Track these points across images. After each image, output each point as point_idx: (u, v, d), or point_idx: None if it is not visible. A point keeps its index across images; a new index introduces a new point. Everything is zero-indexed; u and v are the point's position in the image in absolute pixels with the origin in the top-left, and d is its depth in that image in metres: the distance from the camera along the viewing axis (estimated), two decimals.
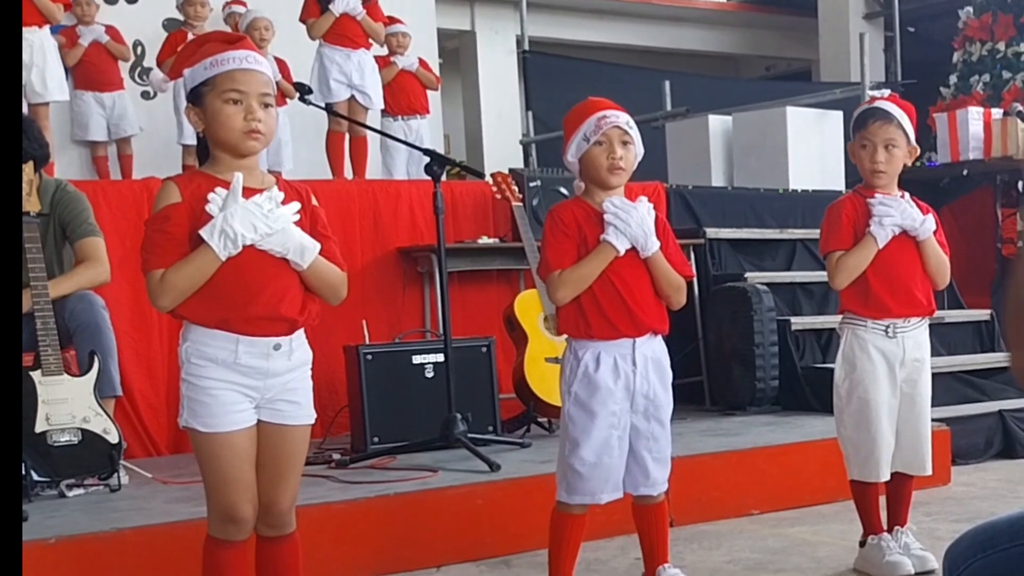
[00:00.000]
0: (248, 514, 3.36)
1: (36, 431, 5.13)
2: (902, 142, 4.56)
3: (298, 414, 3.42)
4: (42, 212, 5.45)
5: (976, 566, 2.26)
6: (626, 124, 4.06)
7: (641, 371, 4.07)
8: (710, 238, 8.42)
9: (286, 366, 3.37)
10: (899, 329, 4.58)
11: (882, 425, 4.56)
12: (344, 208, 7.43)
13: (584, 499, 4.07)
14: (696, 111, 11.15)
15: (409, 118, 9.69)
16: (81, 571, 4.43)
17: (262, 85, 3.32)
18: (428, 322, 7.60)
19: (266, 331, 3.31)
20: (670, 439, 4.20)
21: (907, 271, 4.56)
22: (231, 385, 3.30)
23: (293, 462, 3.45)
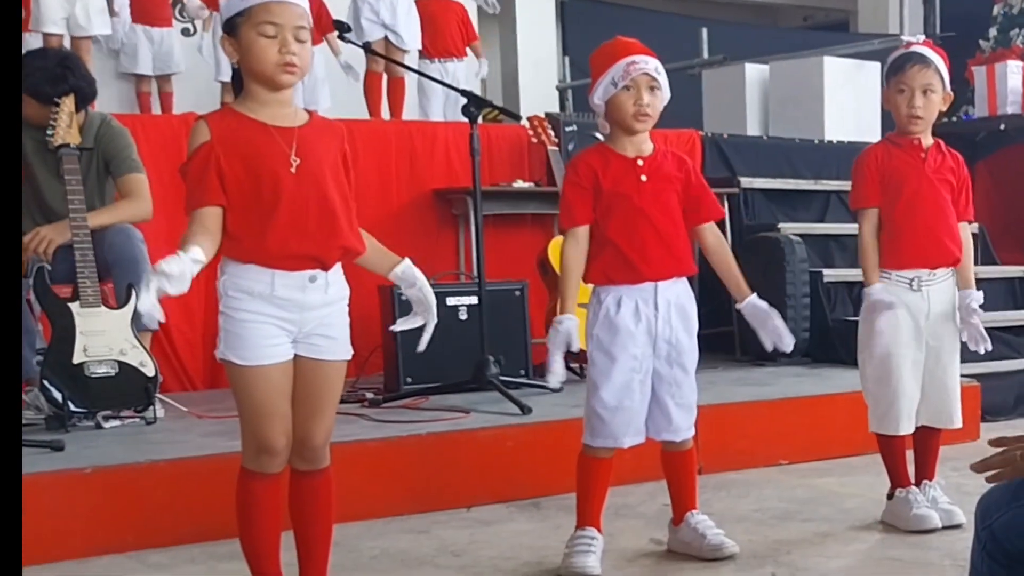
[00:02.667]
0: (282, 446, 3.39)
1: (74, 362, 5.18)
2: (939, 87, 4.53)
3: (335, 349, 3.44)
4: (85, 146, 5.49)
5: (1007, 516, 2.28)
6: (655, 70, 4.06)
7: (664, 315, 4.08)
8: (744, 187, 8.39)
9: (322, 299, 3.38)
10: (924, 282, 4.57)
11: (903, 378, 4.56)
12: (381, 149, 7.43)
13: (606, 442, 4.11)
14: (733, 60, 11.09)
15: (446, 61, 9.67)
16: (115, 501, 4.49)
17: (297, 18, 3.31)
18: (462, 264, 7.62)
19: (301, 266, 3.33)
20: (694, 385, 4.22)
21: (937, 220, 4.54)
22: (268, 318, 3.32)
23: (329, 397, 3.48)
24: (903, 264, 4.56)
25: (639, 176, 4.09)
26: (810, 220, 8.65)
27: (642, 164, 4.10)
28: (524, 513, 4.96)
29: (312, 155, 3.34)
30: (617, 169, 4.09)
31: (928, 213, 4.53)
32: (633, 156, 4.11)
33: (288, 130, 3.33)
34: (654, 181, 4.11)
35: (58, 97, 5.33)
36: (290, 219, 3.29)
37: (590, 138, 7.75)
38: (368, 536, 4.63)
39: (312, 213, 3.32)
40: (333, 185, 3.38)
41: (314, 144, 3.36)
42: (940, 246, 4.56)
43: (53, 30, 7.96)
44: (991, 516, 2.30)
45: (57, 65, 5.49)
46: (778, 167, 9.00)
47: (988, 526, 2.31)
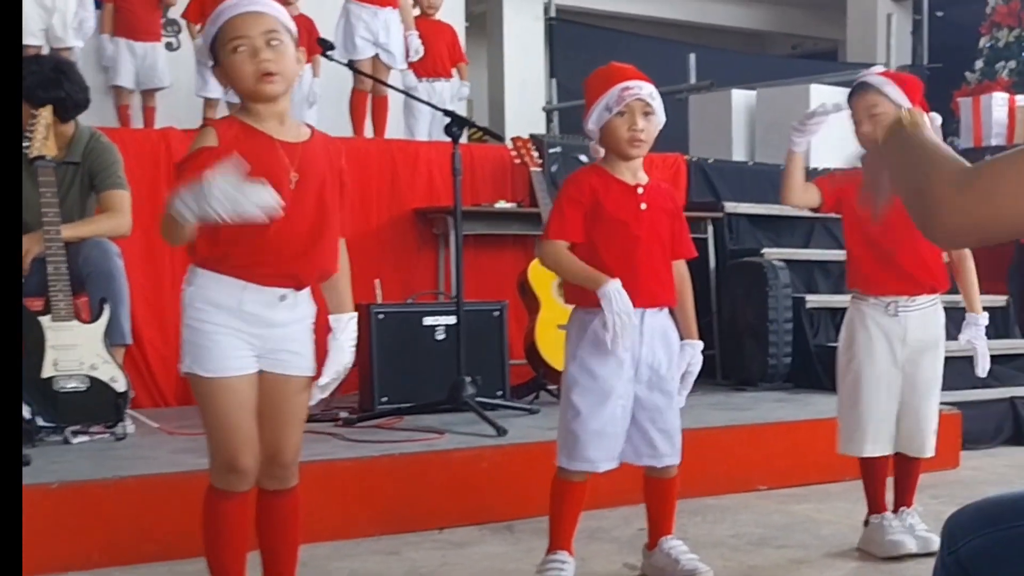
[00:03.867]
0: (249, 464, 3.32)
1: (43, 376, 5.12)
2: (888, 106, 4.48)
3: (299, 364, 3.38)
4: (72, 160, 5.47)
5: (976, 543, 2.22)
6: (649, 96, 4.03)
7: (647, 342, 4.04)
8: (728, 212, 8.37)
9: (289, 317, 3.33)
10: (901, 307, 4.53)
11: (872, 401, 4.54)
12: (362, 167, 7.40)
13: (583, 466, 4.05)
14: (720, 85, 11.10)
15: (434, 80, 9.63)
16: (82, 517, 4.42)
17: (264, 24, 3.24)
18: (441, 284, 7.58)
19: (276, 283, 3.29)
20: (677, 412, 4.18)
21: (905, 248, 4.49)
22: (233, 331, 3.26)
23: (294, 413, 3.43)
24: (874, 290, 4.56)
25: (639, 204, 4.05)
26: (794, 246, 8.63)
27: (642, 192, 4.07)
28: (497, 536, 4.91)
29: (311, 172, 3.29)
30: (618, 194, 4.05)
31: (895, 241, 4.47)
32: (633, 183, 4.08)
33: (292, 145, 3.28)
34: (652, 211, 4.08)
35: (47, 102, 5.29)
36: (281, 235, 3.23)
37: (574, 160, 7.77)
38: (337, 557, 4.57)
39: (302, 231, 3.28)
40: (327, 204, 3.34)
41: (314, 161, 3.31)
42: (907, 275, 4.51)
43: (32, 41, 7.98)
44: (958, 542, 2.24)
45: (52, 70, 5.47)
46: (763, 192, 8.96)
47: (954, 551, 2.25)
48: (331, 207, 3.36)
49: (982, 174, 1.90)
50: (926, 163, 2.00)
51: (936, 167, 1.97)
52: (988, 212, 1.88)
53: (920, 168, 2.00)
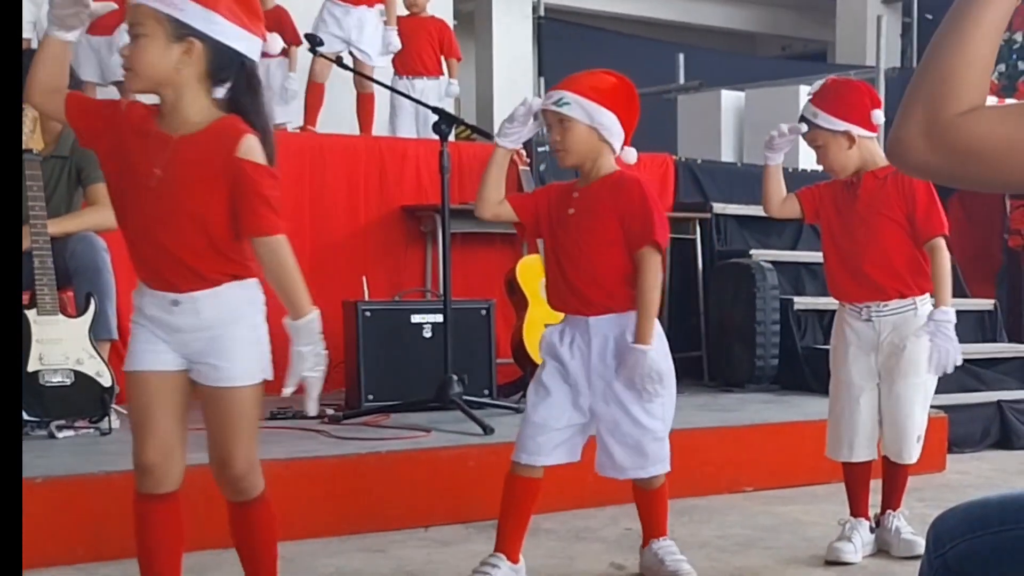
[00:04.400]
0: (152, 462, 3.19)
1: (29, 370, 5.11)
2: (826, 137, 4.50)
3: (218, 376, 3.19)
4: (60, 155, 5.45)
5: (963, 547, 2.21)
6: (554, 104, 3.96)
7: (597, 351, 3.98)
8: (716, 213, 8.38)
9: (194, 323, 3.16)
10: (874, 312, 4.53)
11: (845, 405, 4.58)
12: (350, 164, 7.39)
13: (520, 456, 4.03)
14: (709, 86, 11.10)
15: (414, 78, 9.59)
16: (67, 512, 4.42)
17: (130, 15, 3.09)
18: (428, 282, 7.57)
19: (158, 285, 3.16)
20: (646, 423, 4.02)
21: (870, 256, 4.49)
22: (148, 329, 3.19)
23: (235, 423, 3.22)
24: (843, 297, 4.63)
25: (567, 209, 4.03)
26: (782, 247, 8.64)
27: (576, 195, 4.04)
28: (483, 534, 4.88)
29: (179, 168, 3.10)
30: (557, 197, 4.09)
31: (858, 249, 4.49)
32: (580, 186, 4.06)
33: (166, 138, 3.12)
34: (581, 214, 4.01)
35: None
36: (144, 235, 3.13)
37: None
38: (323, 554, 4.56)
39: (165, 231, 3.10)
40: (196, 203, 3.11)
41: (188, 155, 3.11)
42: (871, 282, 4.51)
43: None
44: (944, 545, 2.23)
45: None
46: (751, 193, 8.92)
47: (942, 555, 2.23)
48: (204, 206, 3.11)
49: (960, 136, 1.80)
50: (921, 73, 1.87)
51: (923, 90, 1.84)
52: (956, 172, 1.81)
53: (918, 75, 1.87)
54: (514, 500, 4.08)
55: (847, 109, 4.47)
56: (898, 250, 4.48)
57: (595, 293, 3.97)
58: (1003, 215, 10.82)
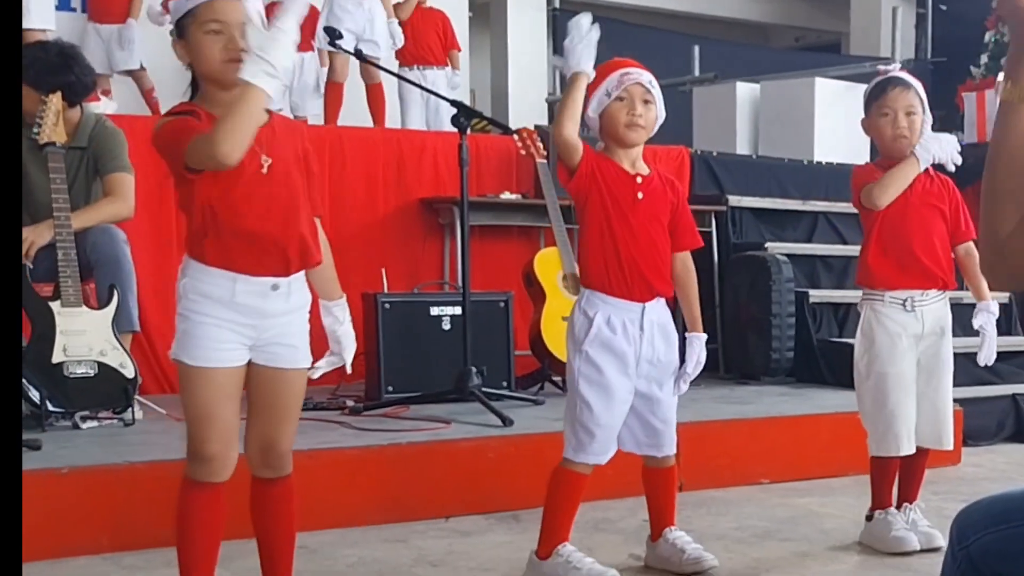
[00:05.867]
0: (215, 453, 3.30)
1: (53, 362, 5.15)
2: (919, 110, 4.54)
3: (294, 357, 3.39)
4: (79, 145, 5.50)
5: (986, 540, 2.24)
6: (648, 82, 4.05)
7: (648, 336, 4.06)
8: (732, 206, 8.40)
9: (283, 307, 3.33)
10: (917, 302, 4.56)
11: (900, 399, 4.54)
12: (369, 157, 7.43)
13: (592, 459, 4.08)
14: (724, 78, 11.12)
15: (424, 68, 9.62)
16: (91, 502, 4.46)
17: (240, 14, 3.25)
18: (446, 274, 7.61)
19: (265, 271, 3.29)
20: (673, 403, 4.21)
21: (920, 243, 4.54)
22: (225, 322, 3.26)
23: (291, 404, 3.44)
24: (891, 285, 4.55)
25: (636, 193, 4.06)
26: (797, 240, 8.65)
27: (640, 182, 4.07)
28: (503, 525, 4.94)
29: (280, 154, 3.30)
30: (615, 179, 4.05)
31: (913, 238, 4.51)
32: (632, 172, 4.09)
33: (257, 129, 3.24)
34: (649, 201, 4.08)
35: (56, 87, 5.31)
36: (258, 220, 3.25)
37: None
38: (345, 544, 4.60)
39: (279, 215, 3.29)
40: (299, 186, 3.36)
41: (280, 143, 3.32)
42: (925, 270, 4.54)
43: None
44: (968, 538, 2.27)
45: (57, 55, 5.48)
46: (767, 186, 9.00)
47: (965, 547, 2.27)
48: (304, 188, 3.37)
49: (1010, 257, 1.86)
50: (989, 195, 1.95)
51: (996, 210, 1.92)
52: None
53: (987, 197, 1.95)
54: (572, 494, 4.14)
55: (939, 99, 4.55)
56: (942, 242, 4.59)
57: (656, 280, 4.06)
58: None
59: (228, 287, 3.25)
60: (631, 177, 4.07)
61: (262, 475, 3.45)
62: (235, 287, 3.25)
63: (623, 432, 4.15)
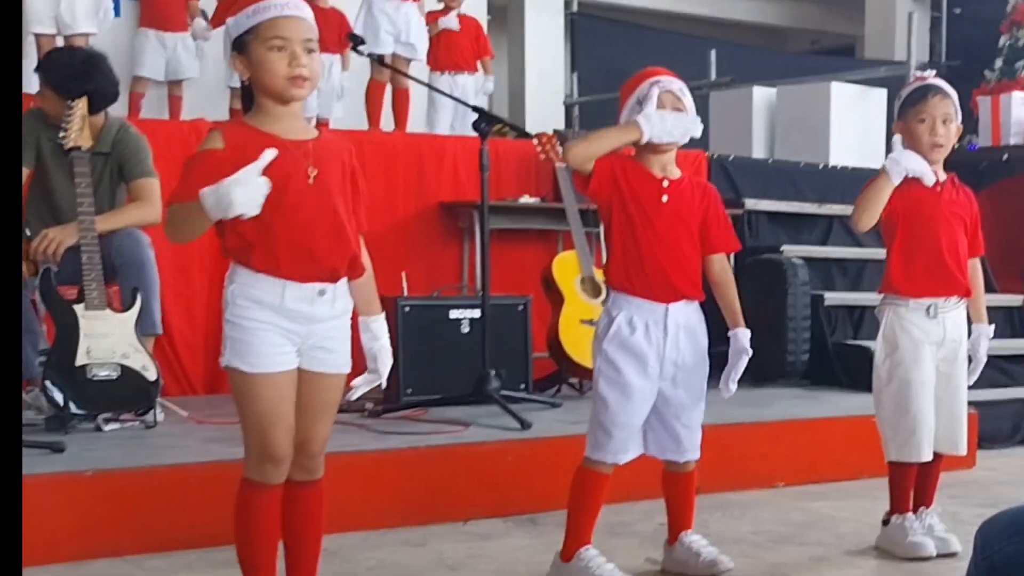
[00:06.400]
0: (288, 453, 3.39)
1: (76, 364, 5.19)
2: (955, 118, 4.58)
3: (336, 362, 3.46)
4: (103, 151, 5.55)
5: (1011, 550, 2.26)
6: (679, 90, 4.10)
7: (672, 338, 4.08)
8: (749, 209, 8.46)
9: (329, 313, 3.40)
10: (940, 309, 4.59)
11: (922, 406, 4.57)
12: (389, 161, 7.48)
13: (606, 457, 4.11)
14: (740, 82, 11.16)
15: (456, 74, 9.67)
16: (114, 504, 4.49)
17: (305, 31, 3.35)
18: (465, 277, 7.65)
19: (313, 277, 3.36)
20: (701, 407, 4.24)
21: (948, 252, 4.58)
22: (275, 328, 3.34)
23: (328, 407, 3.50)
24: (917, 292, 4.58)
25: (661, 196, 4.09)
26: (813, 243, 8.70)
27: (667, 186, 4.11)
28: (521, 528, 4.98)
29: (326, 167, 3.38)
30: (641, 182, 4.09)
31: (941, 245, 4.55)
32: (660, 176, 4.12)
33: (302, 142, 3.36)
34: (676, 205, 4.11)
35: (80, 94, 5.37)
36: (305, 230, 3.32)
37: None
38: (365, 547, 4.64)
39: (325, 224, 3.36)
40: (343, 198, 3.43)
41: (327, 157, 3.40)
42: (951, 277, 4.58)
43: (42, 30, 7.93)
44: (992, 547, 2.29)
45: (82, 63, 5.55)
46: (783, 190, 9.04)
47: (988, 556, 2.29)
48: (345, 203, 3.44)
49: None
50: None
51: None
52: None
53: None
54: (592, 494, 4.18)
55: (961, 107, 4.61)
56: (964, 251, 4.65)
57: (682, 282, 4.09)
58: None
59: (277, 292, 3.32)
60: (657, 180, 4.10)
61: (294, 477, 3.49)
62: (284, 292, 3.32)
63: (647, 435, 4.19)
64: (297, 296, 3.34)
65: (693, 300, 4.16)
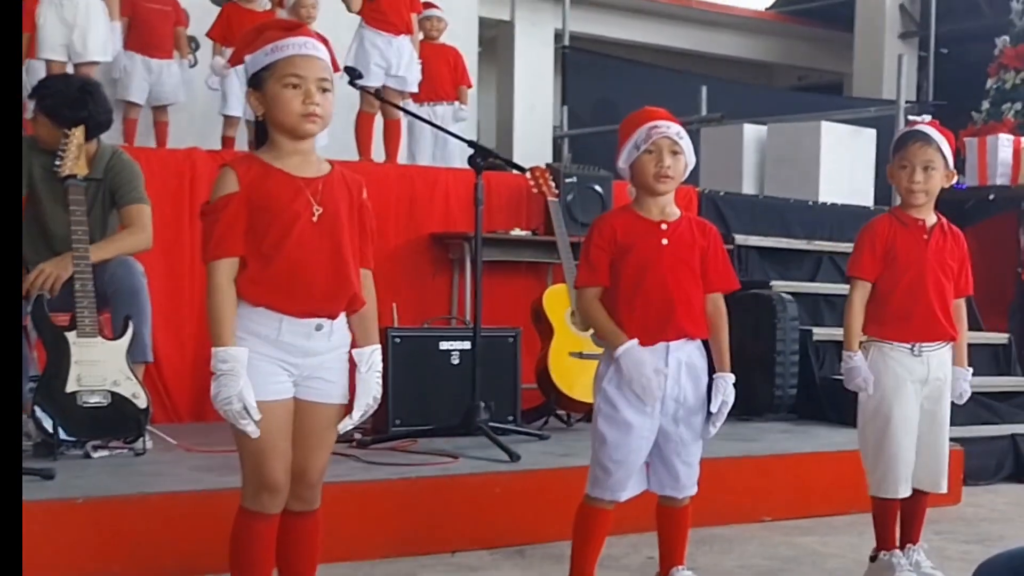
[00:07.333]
0: (284, 483, 3.43)
1: (67, 391, 5.19)
2: (940, 165, 4.61)
3: (332, 392, 3.50)
4: (95, 177, 5.56)
5: None
6: (676, 135, 4.14)
7: (674, 375, 4.11)
8: (739, 244, 8.53)
9: (325, 346, 3.45)
10: (924, 349, 4.63)
11: (903, 442, 4.59)
12: (381, 191, 7.47)
13: (605, 494, 4.13)
14: (729, 117, 11.22)
15: (435, 104, 9.70)
16: (105, 531, 4.49)
17: (320, 70, 3.42)
18: (455, 309, 7.68)
19: (310, 314, 3.41)
20: (700, 443, 4.27)
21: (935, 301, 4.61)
22: (271, 359, 3.38)
23: (324, 438, 3.54)
24: (904, 338, 4.62)
25: (661, 240, 4.13)
26: (802, 279, 8.76)
27: (666, 228, 4.15)
28: (509, 560, 4.98)
29: (332, 205, 3.43)
30: (640, 231, 4.14)
31: (928, 295, 4.59)
32: (658, 220, 4.16)
33: (312, 180, 3.42)
34: (676, 246, 4.15)
35: (75, 122, 5.39)
36: (306, 268, 3.38)
37: (589, 190, 7.89)
38: None
39: (327, 262, 3.41)
40: (347, 236, 3.46)
41: (335, 194, 3.45)
42: (938, 325, 4.62)
43: (53, 56, 8.01)
44: None
45: (78, 91, 5.58)
46: (772, 226, 9.10)
47: None
48: (352, 240, 3.49)
49: None
50: None
51: None
52: None
53: None
54: (593, 531, 4.21)
55: (952, 150, 4.63)
56: (950, 297, 4.69)
57: (685, 320, 4.11)
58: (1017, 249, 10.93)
59: (274, 326, 3.37)
60: (655, 225, 4.15)
61: (291, 508, 3.53)
62: (281, 327, 3.38)
63: (661, 475, 4.22)
64: (294, 331, 3.40)
65: (695, 338, 4.19)
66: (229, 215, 3.33)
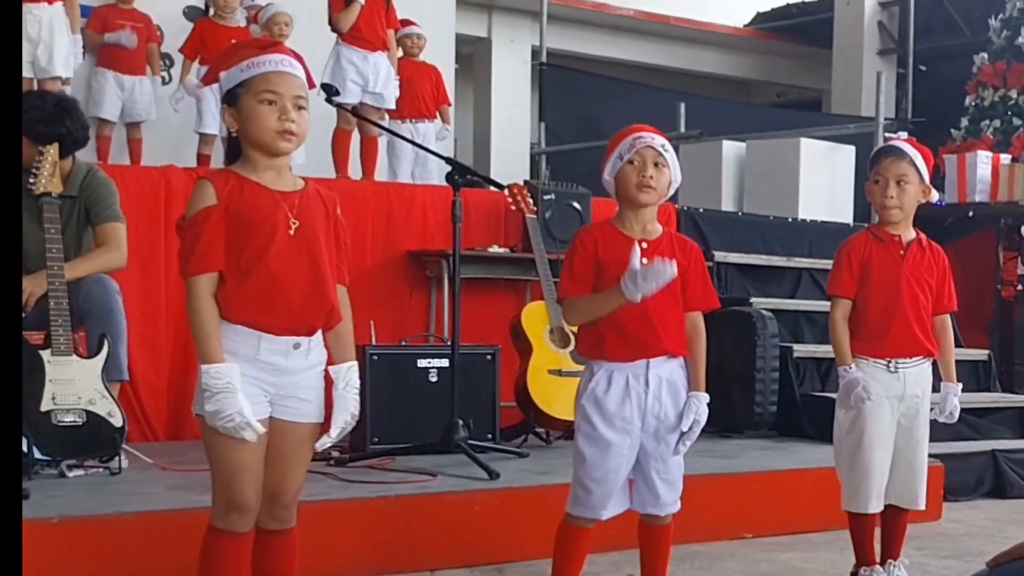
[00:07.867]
0: (254, 503, 3.41)
1: (41, 410, 5.15)
2: (914, 179, 4.62)
3: (307, 411, 3.47)
4: (70, 194, 5.53)
5: None
6: (660, 146, 4.10)
7: (654, 392, 4.07)
8: (718, 261, 8.53)
9: (302, 365, 3.44)
10: (900, 365, 4.62)
11: (875, 458, 4.60)
12: (357, 208, 7.45)
13: (585, 512, 4.11)
14: (708, 134, 11.23)
15: (417, 121, 9.68)
16: (80, 552, 4.45)
17: (296, 88, 3.42)
18: (433, 326, 7.64)
19: (289, 331, 3.39)
20: (681, 461, 4.23)
21: (912, 317, 4.62)
22: (248, 378, 3.35)
23: (300, 457, 3.52)
24: (880, 354, 4.62)
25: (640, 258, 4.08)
26: (782, 296, 8.75)
27: (646, 246, 4.08)
28: None
29: (308, 219, 3.42)
30: (620, 248, 4.07)
31: (905, 311, 4.61)
32: (639, 237, 4.11)
33: (289, 194, 3.41)
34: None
35: (51, 139, 5.35)
36: (284, 283, 3.36)
37: (568, 207, 7.86)
38: None
39: (304, 277, 3.39)
40: (325, 250, 3.45)
41: (311, 209, 3.44)
42: (915, 341, 4.64)
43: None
44: None
45: (54, 107, 5.53)
46: (752, 242, 9.10)
47: None
48: (329, 254, 3.47)
49: None
50: None
51: None
52: None
53: None
54: (574, 549, 4.18)
55: (928, 166, 4.63)
56: (928, 313, 4.70)
57: (666, 338, 4.07)
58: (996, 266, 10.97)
59: (253, 345, 3.35)
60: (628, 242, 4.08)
61: (266, 526, 3.51)
62: (260, 345, 3.35)
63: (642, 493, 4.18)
64: (272, 349, 3.38)
65: (676, 356, 4.15)
66: (210, 228, 3.30)
